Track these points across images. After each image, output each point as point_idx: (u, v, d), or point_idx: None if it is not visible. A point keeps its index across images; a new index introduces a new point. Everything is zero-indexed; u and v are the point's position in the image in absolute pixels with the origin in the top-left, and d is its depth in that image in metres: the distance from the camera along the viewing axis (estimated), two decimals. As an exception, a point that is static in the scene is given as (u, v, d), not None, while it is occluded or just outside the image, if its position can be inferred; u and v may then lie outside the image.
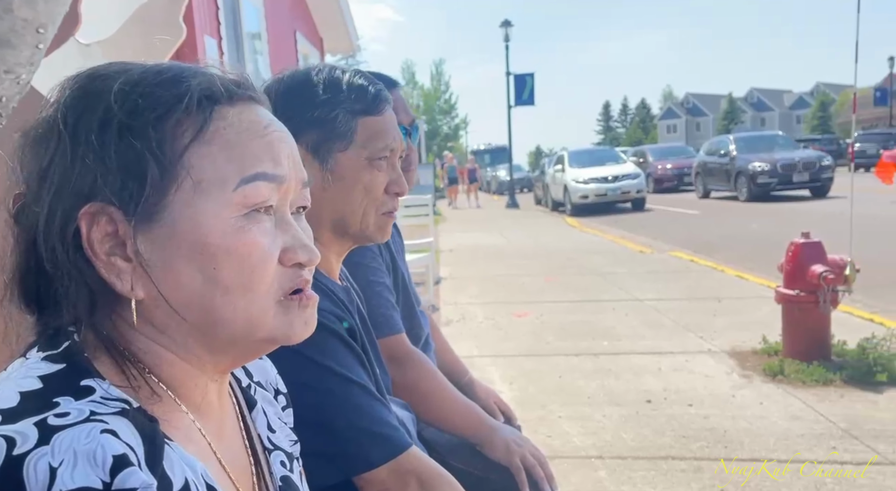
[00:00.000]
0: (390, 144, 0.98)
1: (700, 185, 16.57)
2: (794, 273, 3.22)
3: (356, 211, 0.98)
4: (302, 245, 0.55)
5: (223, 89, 0.53)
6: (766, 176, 13.86)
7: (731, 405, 2.87)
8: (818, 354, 3.21)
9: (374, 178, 0.98)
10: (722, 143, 16.05)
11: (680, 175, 19.39)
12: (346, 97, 0.96)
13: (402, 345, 1.28)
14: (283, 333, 0.54)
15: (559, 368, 3.55)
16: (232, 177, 0.51)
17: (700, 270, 6.23)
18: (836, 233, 3.79)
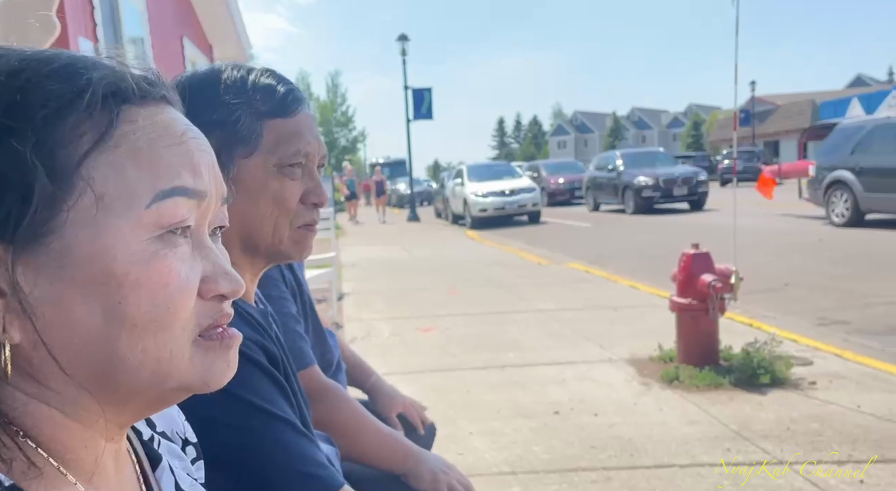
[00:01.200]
0: (304, 149, 0.88)
1: (590, 199, 17.37)
2: (687, 283, 3.39)
3: (266, 225, 0.88)
4: (224, 273, 0.46)
5: (134, 86, 0.44)
6: (650, 190, 14.76)
7: (633, 413, 2.96)
8: (709, 360, 3.38)
9: (285, 188, 0.87)
10: (609, 159, 16.98)
11: (572, 189, 20.29)
12: (250, 97, 0.86)
13: (316, 378, 1.18)
14: (201, 378, 0.45)
15: (467, 382, 3.52)
16: (144, 191, 0.42)
17: (595, 281, 6.47)
18: (712, 243, 4.04)
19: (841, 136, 10.34)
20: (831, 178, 10.06)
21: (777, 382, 3.14)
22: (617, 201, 15.92)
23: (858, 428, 2.60)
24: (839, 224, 9.84)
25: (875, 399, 2.90)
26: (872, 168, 9.40)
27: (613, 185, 15.91)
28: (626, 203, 15.37)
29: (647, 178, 14.90)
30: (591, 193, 17.36)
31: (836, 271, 6.31)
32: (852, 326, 4.35)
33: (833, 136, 10.59)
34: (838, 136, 10.38)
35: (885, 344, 3.87)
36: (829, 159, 10.32)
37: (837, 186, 9.97)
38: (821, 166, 10.46)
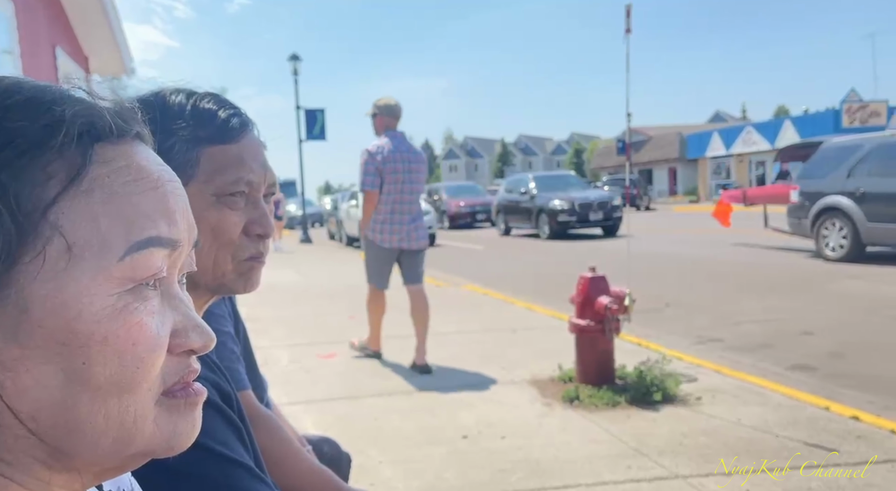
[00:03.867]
0: (245, 177, 0.83)
1: (501, 223, 16.90)
2: (584, 304, 3.54)
3: (205, 258, 0.82)
4: (195, 326, 0.42)
5: (110, 123, 0.40)
6: (565, 214, 14.40)
7: (539, 434, 3.03)
8: (606, 379, 3.54)
9: (225, 219, 0.82)
10: (522, 182, 16.61)
11: (473, 212, 20.43)
12: (186, 124, 0.81)
13: (249, 403, 1.11)
14: (165, 442, 0.41)
15: (374, 409, 3.46)
16: (117, 242, 0.38)
17: (493, 303, 6.61)
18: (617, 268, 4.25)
19: (829, 156, 8.93)
20: (822, 205, 8.63)
21: (668, 398, 3.34)
22: (530, 226, 15.49)
23: (741, 440, 2.82)
24: (834, 259, 8.42)
25: (752, 412, 3.15)
26: (878, 194, 7.95)
27: (526, 209, 15.49)
28: (541, 228, 14.95)
29: (562, 202, 14.48)
30: (501, 217, 16.86)
31: (705, 292, 6.85)
32: (726, 343, 4.73)
33: (818, 157, 9.14)
34: (825, 157, 8.99)
35: (756, 359, 4.23)
36: (816, 183, 8.86)
37: (831, 215, 8.52)
38: (806, 191, 9.02)
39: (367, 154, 4.21)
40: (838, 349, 4.37)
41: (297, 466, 1.08)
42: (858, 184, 8.23)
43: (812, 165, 9.25)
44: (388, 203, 4.22)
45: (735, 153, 32.57)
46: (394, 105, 4.33)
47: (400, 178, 4.20)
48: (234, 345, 1.13)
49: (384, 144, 4.21)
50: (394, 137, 4.25)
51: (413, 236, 4.31)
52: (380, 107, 4.32)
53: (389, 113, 4.30)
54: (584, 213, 14.31)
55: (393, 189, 4.21)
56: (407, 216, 4.28)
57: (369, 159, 4.19)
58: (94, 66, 8.32)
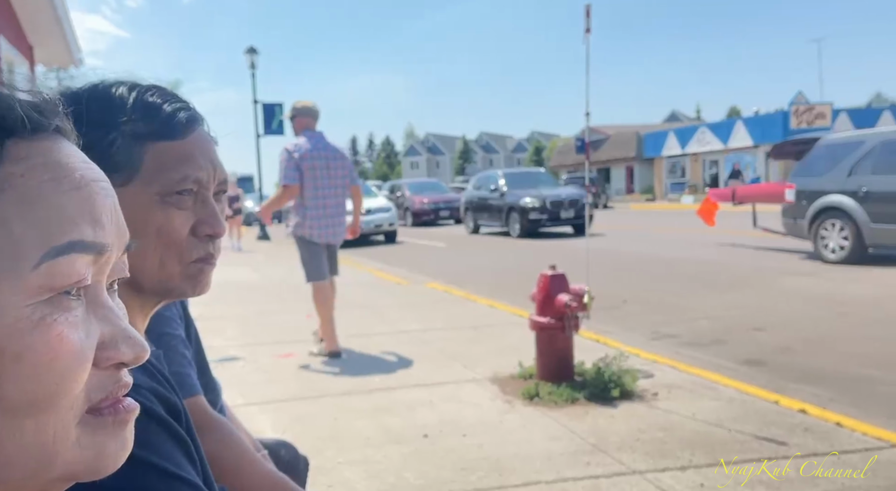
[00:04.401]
0: (193, 175, 0.78)
1: (470, 221, 16.55)
2: (545, 302, 3.57)
3: (150, 261, 0.77)
4: (126, 337, 0.39)
5: (23, 116, 0.37)
6: (536, 212, 14.07)
7: (500, 431, 3.03)
8: (565, 376, 3.58)
9: (171, 219, 0.77)
10: (491, 179, 16.25)
11: (437, 209, 20.22)
12: (128, 118, 0.77)
13: (201, 409, 1.07)
14: (90, 465, 0.38)
15: (333, 409, 3.42)
16: (32, 248, 0.35)
17: (455, 300, 6.61)
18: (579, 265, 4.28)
19: (827, 153, 8.48)
20: (821, 204, 8.21)
21: (626, 394, 3.39)
22: (500, 224, 15.14)
23: (696, 435, 2.88)
24: (834, 260, 8.04)
25: (707, 407, 3.23)
26: (883, 193, 7.54)
27: (496, 206, 15.16)
28: (511, 226, 14.60)
29: (533, 199, 14.16)
30: (470, 215, 16.52)
31: (663, 289, 7.00)
32: (681, 339, 4.84)
33: (815, 154, 8.69)
34: (823, 154, 8.55)
35: (710, 355, 4.34)
36: (814, 182, 8.42)
37: (830, 215, 8.11)
38: (802, 190, 8.55)
39: (286, 152, 4.48)
40: (787, 344, 4.52)
41: (251, 474, 1.05)
42: (861, 182, 7.80)
43: (808, 163, 8.74)
44: (311, 198, 4.46)
45: (690, 152, 33.36)
46: (311, 107, 4.60)
47: (319, 174, 4.46)
48: (185, 349, 1.08)
49: (302, 143, 4.47)
50: (312, 136, 4.51)
51: (335, 231, 4.59)
52: (298, 109, 4.61)
53: (307, 114, 4.59)
54: (556, 212, 14.06)
55: (313, 185, 4.45)
56: (330, 210, 4.53)
57: (288, 157, 4.45)
58: (40, 56, 7.99)
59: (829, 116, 27.53)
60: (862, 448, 2.66)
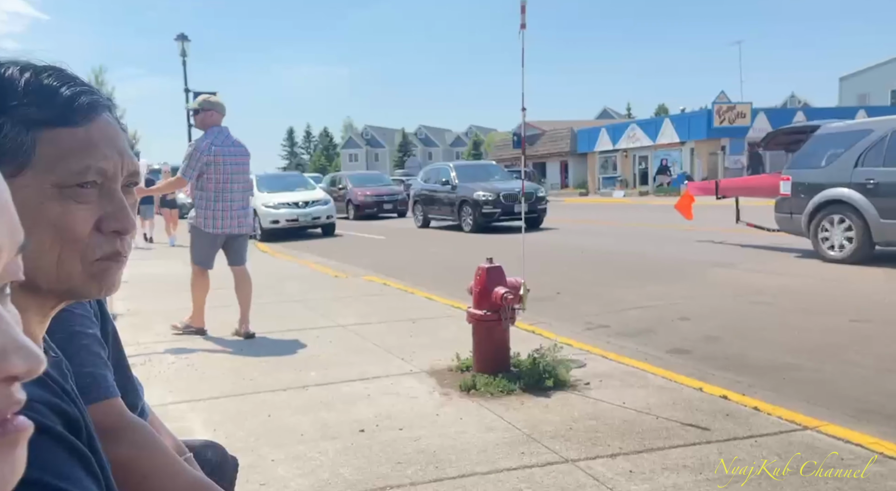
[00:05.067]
0: (96, 165, 0.71)
1: (419, 214, 16.01)
2: (482, 295, 3.60)
3: (46, 259, 0.70)
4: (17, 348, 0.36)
5: None
6: (490, 206, 13.62)
7: (436, 424, 3.05)
8: (501, 367, 3.62)
9: (70, 213, 0.70)
10: (442, 172, 15.69)
11: (380, 202, 19.92)
12: (19, 102, 0.70)
13: (117, 412, 1.02)
14: None
15: (267, 406, 3.35)
16: None
17: (393, 293, 6.59)
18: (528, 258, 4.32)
19: (828, 142, 7.90)
20: (822, 198, 7.61)
21: (559, 384, 3.46)
22: (452, 218, 14.67)
23: (626, 423, 2.98)
24: (837, 259, 7.45)
25: (636, 395, 3.34)
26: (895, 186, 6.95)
27: (448, 199, 14.65)
28: (464, 220, 14.12)
29: (486, 193, 13.74)
30: (420, 208, 15.96)
31: (600, 281, 7.20)
32: (612, 329, 4.99)
33: (814, 144, 8.09)
34: (823, 144, 7.96)
35: (638, 344, 4.49)
36: (813, 174, 7.84)
37: (833, 210, 7.53)
38: (800, 183, 7.98)
39: (195, 147, 4.69)
40: (711, 333, 4.73)
41: (172, 479, 1.00)
42: (870, 174, 7.16)
43: (806, 153, 8.10)
44: (216, 191, 4.70)
45: (621, 148, 34.37)
46: (221, 103, 4.86)
47: (224, 169, 4.70)
48: (99, 348, 1.03)
49: (212, 138, 4.68)
50: (220, 132, 4.75)
51: (240, 222, 4.88)
52: (209, 103, 4.81)
53: (217, 109, 4.81)
54: (510, 205, 13.54)
55: (220, 179, 4.69)
56: (236, 203, 4.80)
57: (195, 152, 4.66)
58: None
59: (749, 115, 28.92)
60: (777, 431, 2.81)
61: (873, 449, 2.58)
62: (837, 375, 3.69)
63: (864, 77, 44.13)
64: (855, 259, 7.30)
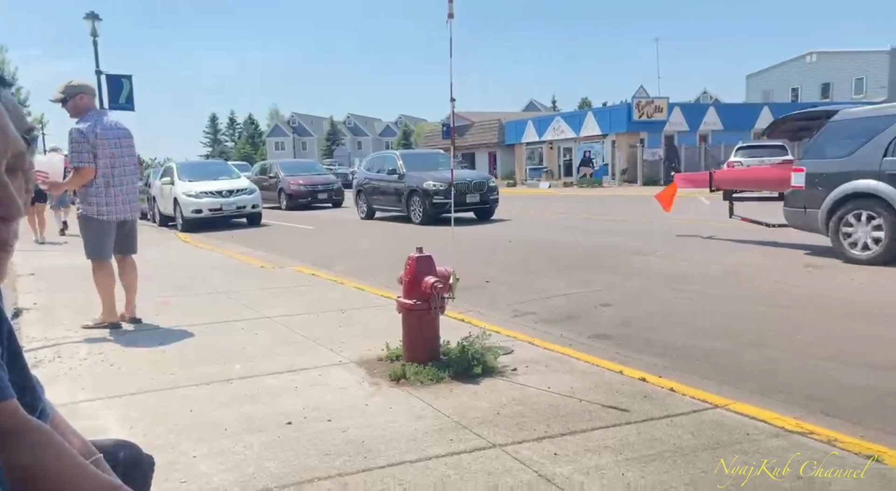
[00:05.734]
0: None
1: (364, 205, 15.25)
2: (412, 284, 3.60)
3: None
4: None
5: None
6: (441, 196, 12.89)
7: (366, 414, 3.03)
8: (431, 356, 3.64)
9: None
10: (388, 160, 14.89)
11: (314, 191, 19.46)
12: None
13: (13, 414, 0.95)
14: None
15: (189, 401, 3.23)
16: None
17: (322, 284, 6.49)
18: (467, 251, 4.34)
19: (849, 130, 7.11)
20: (844, 191, 6.91)
21: (488, 371, 3.52)
22: (399, 208, 13.94)
23: (550, 407, 3.06)
24: (863, 260, 6.74)
25: (561, 380, 3.44)
26: None
27: (395, 189, 13.89)
28: (412, 210, 13.43)
29: (436, 182, 13.03)
30: (364, 198, 15.15)
31: (522, 269, 7.35)
32: (538, 316, 5.11)
33: (832, 131, 7.28)
34: (843, 131, 7.16)
35: (563, 330, 4.62)
36: (833, 164, 7.08)
37: (859, 205, 6.81)
38: (816, 174, 7.21)
39: (79, 132, 4.47)
40: (631, 319, 4.92)
41: (76, 482, 0.95)
42: None
43: (823, 141, 7.30)
44: (103, 177, 4.56)
45: (546, 140, 35.15)
46: (85, 84, 4.69)
47: (111, 153, 4.56)
48: None
49: (93, 122, 4.51)
50: (98, 115, 4.60)
51: (132, 208, 4.80)
52: (78, 87, 4.60)
53: (90, 92, 4.66)
54: (461, 195, 12.88)
55: (107, 164, 4.56)
56: (125, 188, 4.68)
57: (81, 138, 4.47)
58: None
59: (666, 110, 30.19)
60: (690, 410, 2.97)
61: (776, 424, 2.77)
62: (747, 357, 3.93)
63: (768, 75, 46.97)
64: (883, 260, 6.60)
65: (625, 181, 29.95)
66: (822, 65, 43.70)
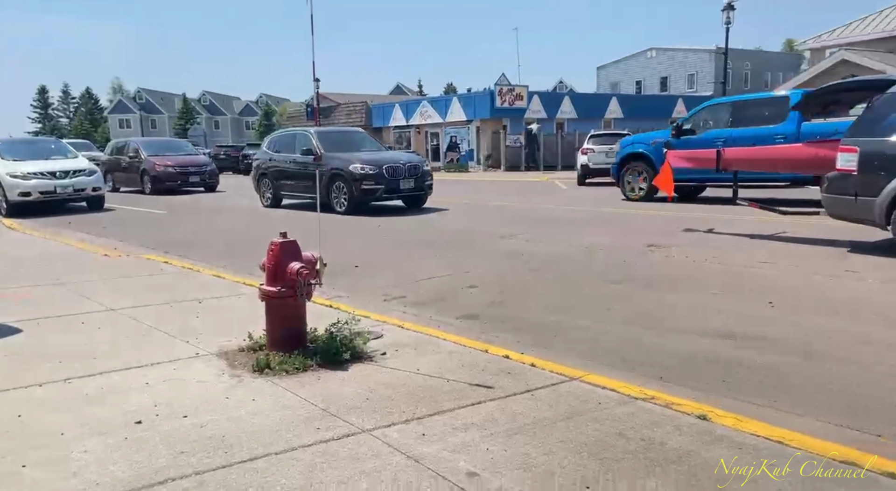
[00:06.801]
0: None
1: (267, 192, 13.24)
2: (275, 270, 3.45)
3: None
4: None
5: None
6: (371, 181, 11.11)
7: (226, 408, 2.87)
8: (297, 344, 3.52)
9: None
10: (300, 139, 12.72)
11: (185, 173, 17.99)
12: None
13: None
14: None
15: (17, 405, 2.87)
16: None
17: (176, 272, 6.06)
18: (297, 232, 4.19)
19: None
20: None
21: (356, 356, 3.47)
22: (314, 196, 12.13)
23: (420, 388, 3.08)
24: None
25: (429, 361, 3.47)
26: None
27: (312, 173, 11.96)
28: (336, 198, 11.52)
29: (366, 165, 11.18)
30: (267, 184, 13.23)
31: (392, 253, 7.34)
32: (408, 299, 5.13)
33: (882, 108, 6.17)
34: None
35: (432, 313, 4.67)
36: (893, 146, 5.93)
37: None
38: (875, 154, 6.02)
39: None
40: (496, 299, 5.09)
41: None
42: None
43: (880, 116, 6.13)
44: None
45: (414, 125, 35.36)
46: None
47: None
48: None
49: None
50: None
51: None
52: None
53: None
54: (395, 181, 11.25)
55: None
56: None
57: None
58: None
59: (526, 98, 31.50)
60: (549, 384, 3.12)
61: (623, 392, 2.98)
62: (597, 330, 4.20)
63: (616, 68, 50.56)
64: None
65: (490, 167, 30.92)
66: (661, 60, 47.76)
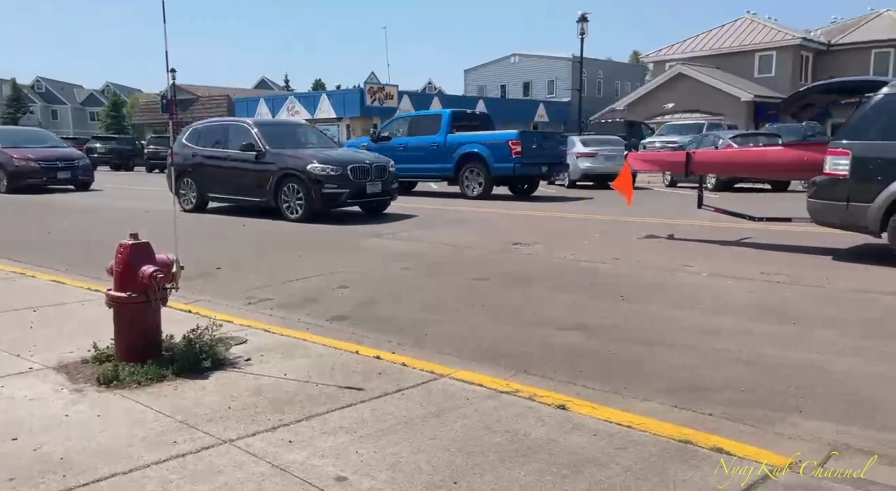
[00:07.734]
0: None
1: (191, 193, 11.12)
2: (125, 275, 3.17)
3: None
4: None
5: None
6: (334, 184, 9.63)
7: (66, 426, 2.60)
8: (151, 353, 3.26)
9: None
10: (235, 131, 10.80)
11: (51, 169, 15.92)
12: None
13: None
14: None
15: None
16: None
17: (5, 278, 5.40)
18: (150, 233, 3.91)
19: None
20: None
21: (218, 364, 3.28)
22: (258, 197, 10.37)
23: (287, 394, 2.97)
24: None
25: (297, 365, 3.37)
26: None
27: (253, 173, 10.23)
28: (287, 203, 9.91)
29: (327, 165, 9.59)
30: (192, 184, 11.10)
31: (260, 254, 7.05)
32: (275, 301, 4.94)
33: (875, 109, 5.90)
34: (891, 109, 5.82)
35: (301, 315, 4.54)
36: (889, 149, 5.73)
37: None
38: (868, 159, 5.81)
39: None
40: (366, 299, 5.04)
41: None
42: None
43: (873, 118, 5.89)
44: None
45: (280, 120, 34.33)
46: None
47: None
48: None
49: None
50: None
51: None
52: None
53: None
54: (361, 184, 9.86)
55: None
56: None
57: None
58: None
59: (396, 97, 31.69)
60: (420, 382, 3.14)
61: (490, 387, 3.08)
62: (465, 327, 4.29)
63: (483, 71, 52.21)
64: None
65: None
66: (524, 65, 49.91)
